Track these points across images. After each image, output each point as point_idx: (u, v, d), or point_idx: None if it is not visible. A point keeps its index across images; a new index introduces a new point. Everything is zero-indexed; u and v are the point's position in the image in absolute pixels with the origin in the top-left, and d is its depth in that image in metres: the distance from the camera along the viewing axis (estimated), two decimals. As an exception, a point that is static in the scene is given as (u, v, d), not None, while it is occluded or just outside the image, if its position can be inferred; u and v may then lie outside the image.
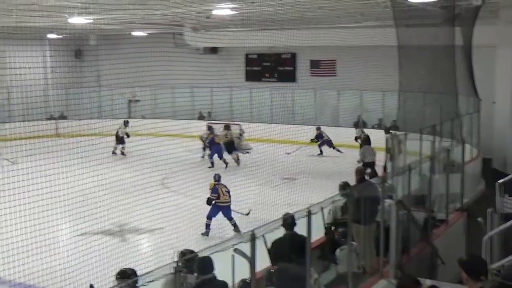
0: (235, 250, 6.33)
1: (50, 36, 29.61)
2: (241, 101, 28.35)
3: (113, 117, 22.84)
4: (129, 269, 7.12)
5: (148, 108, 27.51)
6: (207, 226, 14.08)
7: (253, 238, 6.43)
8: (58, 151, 14.22)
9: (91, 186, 12.82)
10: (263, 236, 7.18)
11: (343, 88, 27.19)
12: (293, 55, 29.55)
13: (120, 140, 24.68)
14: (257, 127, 23.34)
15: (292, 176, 19.63)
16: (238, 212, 14.59)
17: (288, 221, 8.07)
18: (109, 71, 19.21)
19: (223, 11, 19.01)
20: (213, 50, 30.09)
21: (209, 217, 14.10)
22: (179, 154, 16.79)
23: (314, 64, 28.99)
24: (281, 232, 8.14)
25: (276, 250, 8.09)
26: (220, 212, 14.16)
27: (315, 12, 19.88)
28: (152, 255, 11.85)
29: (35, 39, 27.92)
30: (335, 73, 28.39)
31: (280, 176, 19.44)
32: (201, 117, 30.01)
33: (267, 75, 30.43)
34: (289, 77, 29.76)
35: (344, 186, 10.41)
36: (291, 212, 8.14)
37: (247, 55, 30.36)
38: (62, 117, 28.48)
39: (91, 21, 21.08)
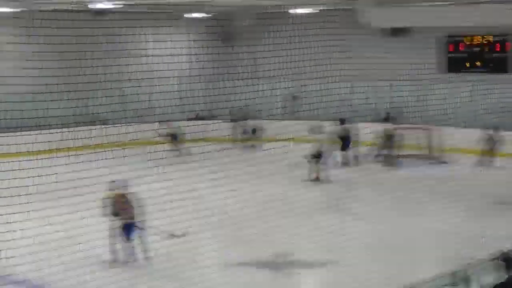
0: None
1: (191, 15, 30.81)
2: (434, 98, 27.90)
3: (271, 117, 23.31)
4: None
5: (316, 106, 27.77)
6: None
7: (466, 280, 6.42)
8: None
9: (248, 205, 13.28)
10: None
11: None
12: (507, 39, 28.70)
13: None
14: (457, 133, 22.99)
15: (509, 200, 19.08)
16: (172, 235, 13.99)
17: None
18: (265, 60, 19.72)
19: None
20: (397, 32, 29.81)
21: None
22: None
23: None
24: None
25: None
26: None
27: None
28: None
29: (172, 19, 29.32)
30: None
31: (490, 200, 18.98)
32: (387, 119, 29.72)
33: (472, 64, 29.75)
34: (499, 66, 28.93)
35: None
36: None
37: (444, 38, 29.87)
38: (212, 116, 29.50)
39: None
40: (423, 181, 21.44)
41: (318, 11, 29.08)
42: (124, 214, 13.60)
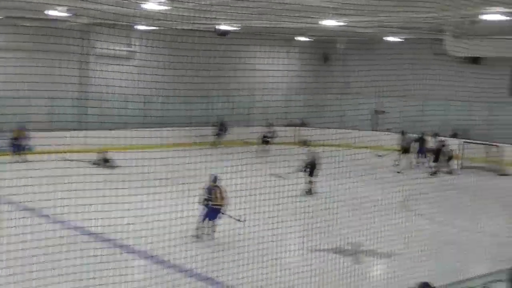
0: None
1: (299, 38, 30.82)
2: (502, 119, 27.00)
3: (354, 127, 23.03)
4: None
5: (395, 121, 27.33)
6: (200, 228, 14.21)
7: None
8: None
9: (332, 201, 13.09)
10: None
11: None
12: None
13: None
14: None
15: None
16: (231, 217, 14.03)
17: None
18: (357, 78, 19.47)
19: (494, 16, 18.03)
20: (475, 60, 28.96)
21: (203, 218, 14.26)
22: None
23: None
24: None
25: None
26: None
27: None
28: (386, 283, 11.76)
29: (282, 39, 29.35)
30: None
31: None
32: (455, 135, 29.06)
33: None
34: None
35: None
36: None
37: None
38: (303, 124, 29.52)
39: (344, 24, 21.49)
40: (486, 190, 20.76)
41: (403, 40, 28.60)
42: (215, 201, 14.14)
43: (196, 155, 14.58)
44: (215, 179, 14.39)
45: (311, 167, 19.48)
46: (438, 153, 25.11)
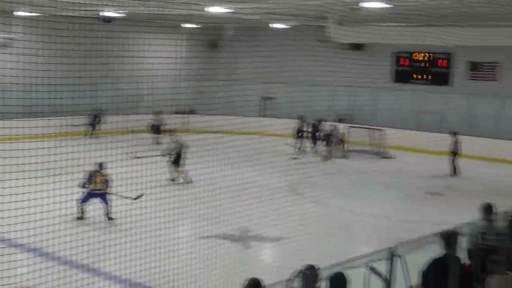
0: (370, 268, 6.20)
1: (186, 25, 30.60)
2: (385, 104, 27.93)
3: (244, 114, 23.17)
4: (258, 279, 7.17)
5: (283, 107, 27.75)
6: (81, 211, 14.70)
7: (391, 256, 6.28)
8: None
9: (218, 187, 13.09)
10: (399, 256, 6.99)
11: (508, 95, 26.01)
12: (449, 55, 28.65)
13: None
14: (402, 134, 22.96)
15: (437, 190, 19.07)
16: (123, 197, 14.44)
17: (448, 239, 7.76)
18: (244, 64, 19.58)
19: (374, 3, 18.54)
20: (358, 47, 29.74)
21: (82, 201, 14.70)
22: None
23: (473, 66, 27.94)
24: (424, 253, 7.88)
25: (435, 273, 7.78)
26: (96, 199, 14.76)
27: (487, 7, 18.97)
28: (274, 267, 11.90)
29: (169, 26, 29.05)
30: (495, 77, 27.24)
31: (423, 190, 18.98)
32: (342, 120, 29.78)
33: (417, 76, 29.70)
34: (443, 79, 28.85)
35: (487, 208, 9.96)
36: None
37: (395, 53, 29.78)
38: (192, 111, 29.37)
39: (231, 10, 21.50)
40: (369, 172, 21.40)
41: (290, 26, 28.94)
42: (94, 186, 14.66)
43: (70, 145, 14.15)
44: (100, 166, 14.70)
45: (176, 156, 19.10)
46: (329, 138, 25.64)
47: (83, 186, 14.67)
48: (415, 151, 23.12)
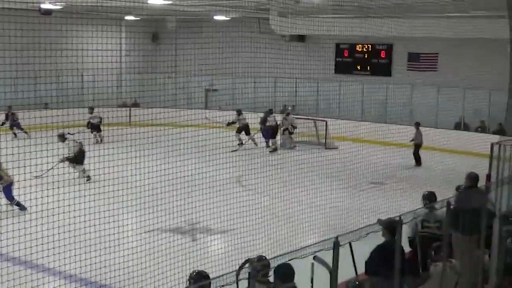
0: (315, 258, 6.28)
1: (127, 17, 30.30)
2: (328, 95, 28.20)
3: (188, 106, 23.14)
4: (204, 271, 7.21)
5: (227, 98, 27.72)
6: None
7: (336, 246, 6.37)
8: (129, 141, 14.52)
9: (162, 180, 13.02)
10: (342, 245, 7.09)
11: (445, 84, 26.59)
12: (389, 47, 29.11)
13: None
14: (345, 125, 23.20)
15: (381, 180, 19.42)
16: None
17: (391, 227, 7.91)
18: (187, 56, 19.46)
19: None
20: (300, 38, 29.94)
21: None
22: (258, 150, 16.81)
23: (413, 57, 28.47)
24: (368, 241, 8.02)
25: (378, 260, 7.93)
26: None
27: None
28: (223, 258, 11.93)
29: (110, 19, 28.72)
30: (436, 67, 27.83)
31: (367, 180, 19.28)
32: (284, 111, 30.00)
33: (359, 67, 30.08)
34: (384, 70, 29.30)
35: (428, 196, 10.22)
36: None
37: (337, 45, 30.09)
38: (135, 104, 29.14)
39: (171, 2, 21.42)
40: (313, 163, 21.56)
41: (230, 18, 28.99)
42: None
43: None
44: None
45: (79, 156, 19.47)
46: (275, 130, 25.76)
47: None
48: (358, 142, 23.34)
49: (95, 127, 26.48)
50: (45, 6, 22.92)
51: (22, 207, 15.19)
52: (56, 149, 15.61)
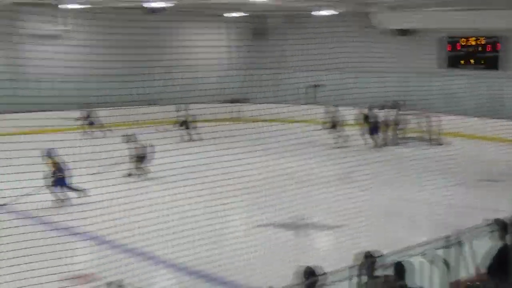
0: (435, 256, 6.23)
1: (231, 14, 30.69)
2: (436, 89, 27.57)
3: (295, 102, 23.14)
4: (313, 268, 7.27)
5: (333, 94, 27.54)
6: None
7: (459, 245, 6.27)
8: (239, 136, 14.76)
9: (273, 175, 13.14)
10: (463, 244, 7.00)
11: None
12: (498, 40, 28.16)
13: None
14: (454, 120, 22.71)
15: (493, 178, 18.82)
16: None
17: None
18: (293, 52, 19.51)
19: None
20: (404, 32, 29.44)
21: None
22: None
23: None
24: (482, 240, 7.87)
25: (500, 261, 7.76)
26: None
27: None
28: (332, 254, 11.95)
29: (214, 15, 29.20)
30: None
31: (478, 177, 18.76)
32: (395, 106, 29.38)
33: (469, 61, 29.26)
34: (491, 64, 28.38)
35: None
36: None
37: (445, 38, 29.38)
38: (244, 100, 29.42)
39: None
40: (421, 159, 21.21)
41: (338, 13, 28.75)
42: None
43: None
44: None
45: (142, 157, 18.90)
46: (379, 126, 25.40)
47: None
48: (470, 138, 22.77)
49: (187, 124, 26.58)
50: (155, 4, 23.42)
51: (79, 191, 15.58)
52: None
